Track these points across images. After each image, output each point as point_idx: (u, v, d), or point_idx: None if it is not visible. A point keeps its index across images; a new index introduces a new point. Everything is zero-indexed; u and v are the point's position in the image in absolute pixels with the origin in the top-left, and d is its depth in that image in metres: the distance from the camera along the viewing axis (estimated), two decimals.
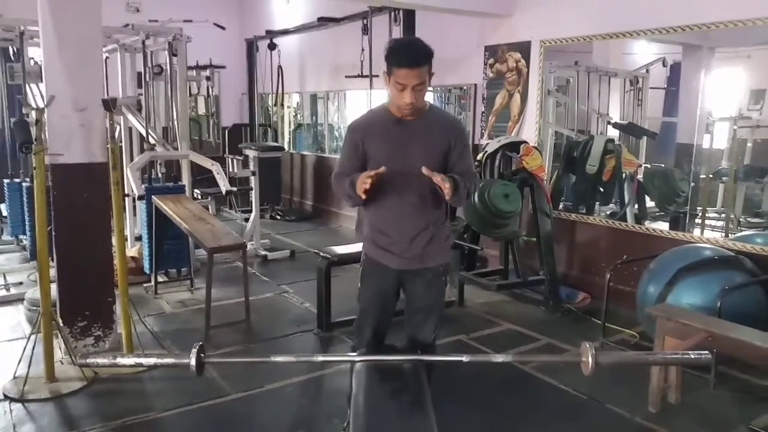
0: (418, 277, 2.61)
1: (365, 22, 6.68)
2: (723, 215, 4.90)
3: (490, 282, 5.26)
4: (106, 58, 6.24)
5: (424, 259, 2.59)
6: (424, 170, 2.35)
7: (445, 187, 2.35)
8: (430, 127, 2.53)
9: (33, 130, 3.63)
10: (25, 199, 5.58)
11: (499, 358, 2.42)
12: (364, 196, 2.41)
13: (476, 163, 5.36)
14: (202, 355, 2.17)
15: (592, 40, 5.20)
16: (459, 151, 2.56)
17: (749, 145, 4.76)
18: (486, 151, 5.21)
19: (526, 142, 5.22)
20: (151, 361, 2.32)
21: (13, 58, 6.16)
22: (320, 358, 2.34)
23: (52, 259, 3.83)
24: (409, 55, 2.36)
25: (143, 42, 5.88)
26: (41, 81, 3.88)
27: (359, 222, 2.74)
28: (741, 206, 4.78)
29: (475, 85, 6.28)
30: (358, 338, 2.80)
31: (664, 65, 5.43)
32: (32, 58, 5.78)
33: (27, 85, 5.63)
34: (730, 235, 4.62)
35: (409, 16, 6.14)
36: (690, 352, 2.41)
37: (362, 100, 7.64)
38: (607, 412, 3.32)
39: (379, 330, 2.71)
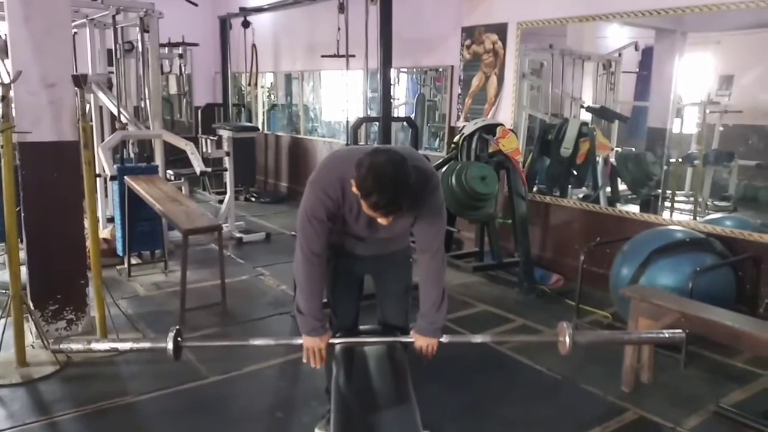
0: (385, 260, 2.57)
1: (341, 0, 6.58)
2: (691, 198, 5.00)
3: (465, 264, 5.31)
4: (75, 33, 6.04)
5: (389, 246, 2.54)
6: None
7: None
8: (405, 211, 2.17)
9: None
10: None
11: (478, 338, 2.47)
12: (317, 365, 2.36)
13: (453, 145, 5.37)
14: (179, 339, 2.16)
15: (568, 22, 5.23)
16: (424, 216, 2.28)
17: (719, 129, 4.85)
18: (463, 134, 5.22)
19: (502, 124, 5.23)
20: (127, 346, 2.30)
21: None
22: (299, 341, 2.33)
23: (22, 241, 3.73)
24: (390, 206, 1.99)
25: (113, 17, 5.72)
26: (6, 56, 3.74)
27: None
28: (709, 190, 4.88)
29: (452, 66, 6.26)
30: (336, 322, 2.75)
31: (636, 49, 5.48)
32: None
33: None
34: (697, 217, 4.73)
35: None
36: (664, 331, 2.48)
37: (338, 80, 7.58)
38: (581, 391, 3.39)
39: (353, 313, 2.70)
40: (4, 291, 4.14)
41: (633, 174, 5.29)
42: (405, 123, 6.59)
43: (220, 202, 7.23)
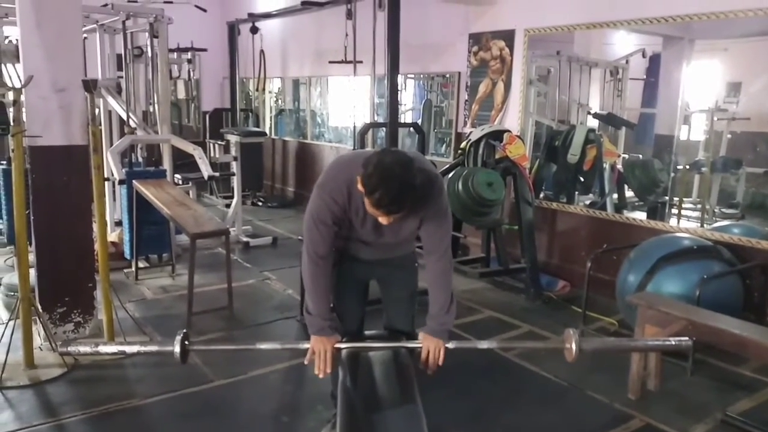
0: (391, 265, 2.57)
1: (349, 6, 6.60)
2: (699, 206, 4.99)
3: (472, 270, 5.30)
4: (85, 38, 6.10)
5: (394, 251, 2.54)
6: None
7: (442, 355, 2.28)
8: (408, 213, 2.16)
9: (10, 111, 3.54)
10: (2, 182, 5.45)
11: (484, 344, 2.47)
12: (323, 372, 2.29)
13: (459, 151, 5.38)
14: (186, 342, 2.17)
15: (575, 29, 5.23)
16: (429, 218, 2.29)
17: (728, 136, 4.84)
18: (469, 140, 5.22)
19: (509, 130, 5.24)
20: (135, 349, 2.31)
21: None
22: (305, 345, 2.33)
23: (31, 244, 3.76)
24: (392, 205, 2.00)
25: (123, 23, 5.77)
26: (17, 61, 3.78)
27: None
28: (716, 197, 4.87)
29: (459, 72, 6.28)
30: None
31: (643, 56, 5.48)
32: (7, 37, 5.64)
33: (2, 65, 5.48)
34: (705, 225, 4.71)
35: (394, 2, 6.09)
36: (671, 338, 2.48)
37: (345, 85, 7.61)
38: (587, 398, 3.37)
39: (359, 318, 2.70)
40: (13, 293, 4.18)
41: (640, 181, 5.28)
42: (412, 128, 6.60)
43: (228, 206, 7.26)
